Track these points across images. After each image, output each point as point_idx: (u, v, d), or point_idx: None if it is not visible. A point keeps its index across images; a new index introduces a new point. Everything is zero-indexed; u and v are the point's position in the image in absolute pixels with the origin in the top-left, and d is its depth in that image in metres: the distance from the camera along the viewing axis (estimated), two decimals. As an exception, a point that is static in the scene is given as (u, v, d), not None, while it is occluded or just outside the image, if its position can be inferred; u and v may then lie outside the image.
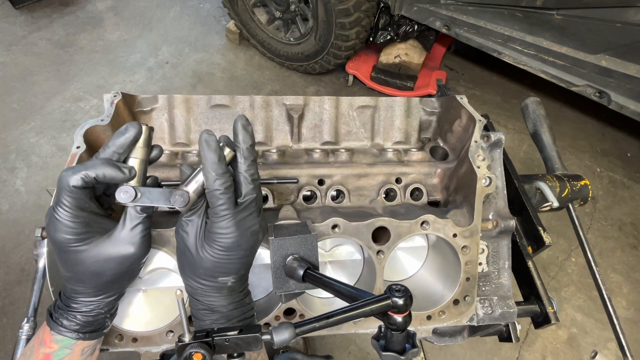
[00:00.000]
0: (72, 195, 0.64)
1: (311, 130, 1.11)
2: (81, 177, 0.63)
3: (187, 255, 0.71)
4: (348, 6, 2.68)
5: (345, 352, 2.31)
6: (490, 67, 3.65)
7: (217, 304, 0.73)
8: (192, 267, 0.72)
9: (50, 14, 3.80)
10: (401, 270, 1.07)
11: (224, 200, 0.66)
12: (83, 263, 0.67)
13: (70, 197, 0.64)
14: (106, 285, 0.71)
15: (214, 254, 0.69)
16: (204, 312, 0.74)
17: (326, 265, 1.01)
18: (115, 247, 0.68)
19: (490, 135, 0.97)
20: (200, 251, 0.69)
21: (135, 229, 0.68)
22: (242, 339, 0.62)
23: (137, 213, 0.68)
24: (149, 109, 1.04)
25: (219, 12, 3.92)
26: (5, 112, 3.09)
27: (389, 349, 0.61)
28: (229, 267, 0.71)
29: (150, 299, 0.89)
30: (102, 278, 0.69)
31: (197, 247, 0.70)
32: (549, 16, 2.32)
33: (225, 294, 0.73)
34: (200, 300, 0.74)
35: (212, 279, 0.71)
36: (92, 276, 0.68)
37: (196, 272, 0.71)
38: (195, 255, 0.70)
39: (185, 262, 0.72)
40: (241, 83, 3.47)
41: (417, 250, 1.06)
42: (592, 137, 3.36)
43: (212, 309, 0.73)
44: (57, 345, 0.70)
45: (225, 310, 0.74)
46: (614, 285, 2.64)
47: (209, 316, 0.74)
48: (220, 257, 0.69)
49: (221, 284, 0.72)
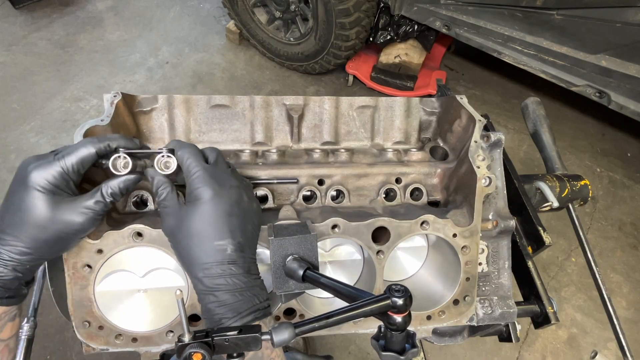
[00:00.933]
0: (86, 158, 0.72)
1: (311, 130, 1.11)
2: (104, 145, 0.73)
3: (178, 237, 0.73)
4: (348, 6, 2.68)
5: (345, 352, 2.31)
6: (490, 67, 3.65)
7: (222, 286, 0.70)
8: (187, 247, 0.72)
9: (50, 14, 3.80)
10: (401, 270, 1.07)
11: (192, 159, 0.75)
12: (36, 210, 0.69)
13: (80, 159, 0.72)
14: (40, 244, 0.70)
15: (199, 212, 0.72)
16: (212, 304, 0.71)
17: (326, 265, 1.01)
18: (73, 211, 0.71)
19: (490, 135, 0.97)
20: (187, 223, 0.72)
21: (96, 205, 0.73)
22: (241, 339, 0.62)
23: (106, 195, 0.74)
24: (149, 109, 1.04)
25: (219, 12, 3.92)
26: (5, 112, 3.09)
27: (388, 349, 0.61)
28: (219, 226, 0.71)
29: (150, 299, 0.89)
30: (41, 234, 0.70)
31: (184, 221, 0.72)
32: (549, 16, 2.32)
33: (228, 270, 0.70)
34: (205, 287, 0.71)
35: (208, 245, 0.71)
36: (34, 227, 0.69)
37: (191, 249, 0.71)
38: (185, 232, 0.72)
39: (180, 245, 0.73)
40: (241, 83, 3.47)
41: (417, 250, 1.06)
42: (592, 137, 3.36)
43: (219, 296, 0.70)
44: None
45: (233, 289, 0.71)
46: (614, 285, 2.64)
47: (215, 308, 0.71)
48: (206, 213, 0.71)
49: (221, 254, 0.71)
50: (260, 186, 0.99)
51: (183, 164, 0.76)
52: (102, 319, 0.84)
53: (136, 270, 0.87)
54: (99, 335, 0.84)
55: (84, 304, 0.82)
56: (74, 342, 2.18)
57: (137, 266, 0.87)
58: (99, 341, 0.84)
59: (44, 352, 2.17)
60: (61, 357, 2.17)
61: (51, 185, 0.70)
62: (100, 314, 0.83)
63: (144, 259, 0.87)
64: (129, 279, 0.87)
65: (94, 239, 0.80)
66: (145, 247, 0.84)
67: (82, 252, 0.80)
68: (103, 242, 0.81)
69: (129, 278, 0.87)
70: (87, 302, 0.82)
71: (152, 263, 0.87)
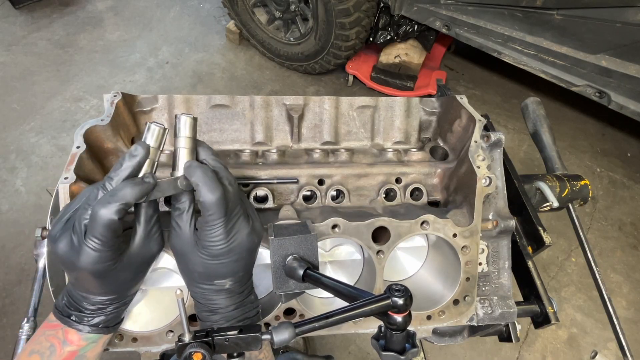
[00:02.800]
0: (112, 226, 0.62)
1: (311, 130, 1.11)
2: (119, 208, 0.61)
3: (182, 260, 0.73)
4: (348, 6, 2.68)
5: (345, 352, 2.31)
6: (490, 67, 3.65)
7: (217, 306, 0.74)
8: (188, 271, 0.73)
9: (50, 14, 3.80)
10: (401, 270, 1.07)
11: (214, 210, 0.66)
12: (112, 277, 0.67)
13: (109, 230, 0.62)
14: (131, 287, 0.73)
15: (206, 260, 0.70)
16: (206, 313, 0.75)
17: (326, 265, 1.01)
18: (141, 252, 0.70)
19: (490, 135, 0.97)
20: (193, 257, 0.70)
21: (153, 228, 0.71)
22: (241, 339, 0.62)
23: (151, 213, 0.70)
24: (149, 109, 1.04)
25: (219, 12, 3.92)
26: (5, 112, 3.09)
27: (388, 349, 0.61)
28: (223, 271, 0.71)
29: (150, 299, 0.89)
30: (127, 284, 0.71)
31: (190, 253, 0.70)
32: (549, 16, 2.32)
33: (224, 296, 0.73)
34: (201, 302, 0.75)
35: (208, 282, 0.72)
36: (120, 285, 0.70)
37: (192, 275, 0.73)
38: (189, 260, 0.71)
39: (182, 266, 0.74)
40: (241, 83, 3.47)
41: (417, 250, 1.06)
42: (592, 137, 3.36)
43: (213, 310, 0.74)
44: (86, 342, 0.72)
45: (226, 311, 0.74)
46: (614, 285, 2.64)
47: (210, 317, 0.74)
48: (212, 262, 0.70)
49: (218, 287, 0.72)
50: (260, 186, 0.99)
51: (197, 193, 0.68)
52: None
53: None
54: (99, 335, 0.84)
55: (84, 303, 0.82)
56: (74, 342, 2.17)
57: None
58: (99, 341, 0.84)
59: (44, 352, 2.17)
60: (61, 357, 2.16)
61: (111, 261, 0.65)
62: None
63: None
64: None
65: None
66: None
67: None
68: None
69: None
70: (87, 302, 0.82)
71: (152, 263, 0.87)
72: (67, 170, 0.81)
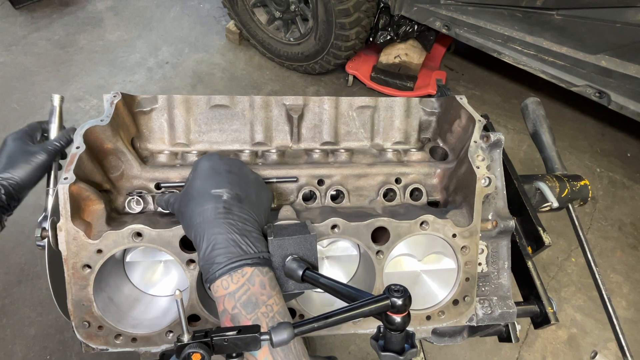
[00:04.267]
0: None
1: (311, 131, 1.11)
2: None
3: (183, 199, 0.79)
4: (348, 6, 2.68)
5: (345, 352, 2.31)
6: (490, 67, 3.65)
7: (216, 230, 0.70)
8: (189, 200, 0.77)
9: (50, 14, 3.80)
10: (427, 294, 1.01)
11: None
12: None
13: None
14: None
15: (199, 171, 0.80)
16: (206, 250, 0.70)
17: (323, 260, 1.01)
18: (42, 150, 0.94)
19: (490, 135, 0.97)
20: (188, 184, 0.81)
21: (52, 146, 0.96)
22: (240, 339, 0.62)
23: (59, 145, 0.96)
24: (148, 109, 1.04)
25: (219, 12, 3.92)
26: (5, 112, 3.09)
27: (388, 349, 0.61)
28: (217, 177, 0.78)
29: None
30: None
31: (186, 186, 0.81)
32: (549, 16, 2.32)
33: (222, 214, 0.71)
34: (201, 227, 0.71)
35: (206, 194, 0.75)
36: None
37: (192, 201, 0.75)
38: (187, 189, 0.79)
39: (183, 205, 0.78)
40: (241, 83, 3.47)
41: (445, 274, 1.05)
42: (592, 137, 3.36)
43: (212, 240, 0.70)
44: None
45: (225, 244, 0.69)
46: (614, 285, 2.64)
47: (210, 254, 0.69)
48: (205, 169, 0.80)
49: (216, 196, 0.74)
50: (259, 186, 0.99)
51: None
52: (102, 319, 0.84)
53: None
54: (98, 335, 0.84)
55: (83, 304, 0.82)
56: (74, 342, 2.17)
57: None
58: (98, 341, 0.85)
59: (44, 352, 2.17)
60: (61, 357, 2.17)
61: None
62: (99, 313, 0.83)
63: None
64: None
65: (94, 239, 0.80)
66: (145, 247, 0.84)
67: (82, 252, 0.81)
68: (103, 242, 0.81)
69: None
70: (87, 302, 0.82)
71: (152, 262, 0.87)
72: (66, 171, 0.81)
